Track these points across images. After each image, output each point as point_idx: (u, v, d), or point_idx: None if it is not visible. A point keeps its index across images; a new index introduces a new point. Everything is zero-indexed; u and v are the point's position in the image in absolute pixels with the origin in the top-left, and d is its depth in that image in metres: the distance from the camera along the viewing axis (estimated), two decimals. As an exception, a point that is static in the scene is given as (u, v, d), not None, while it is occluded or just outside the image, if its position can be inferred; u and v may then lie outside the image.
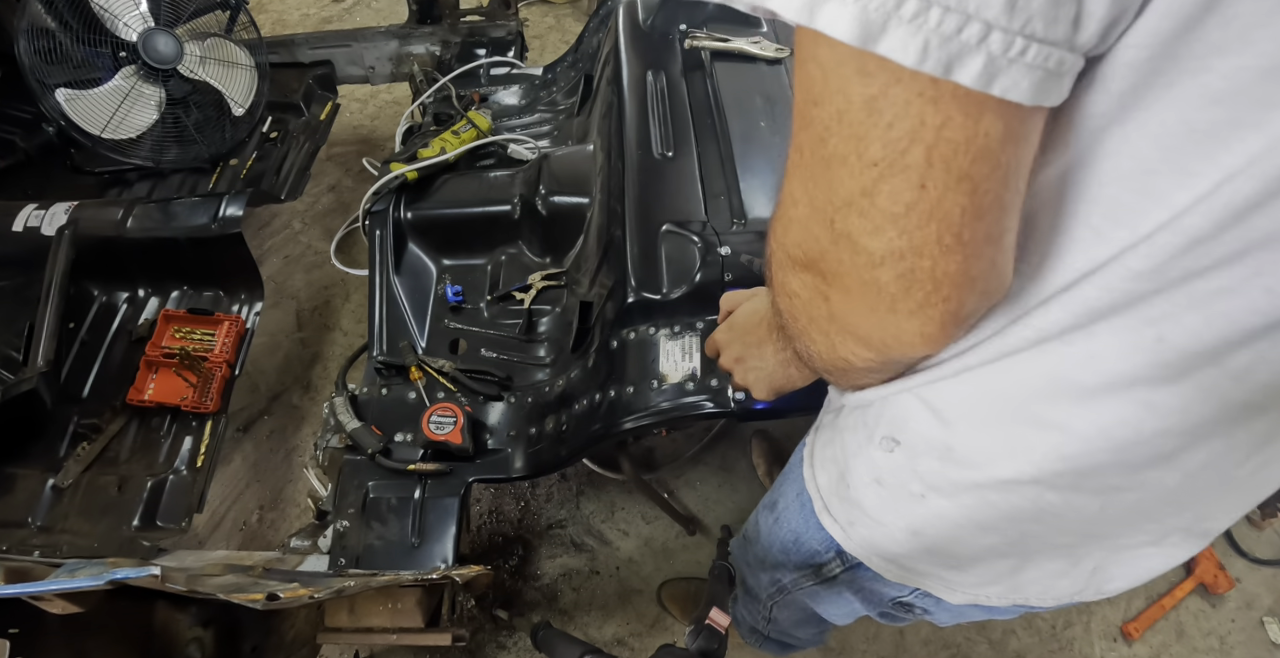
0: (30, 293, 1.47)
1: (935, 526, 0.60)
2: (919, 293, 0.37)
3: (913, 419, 0.55)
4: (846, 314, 0.41)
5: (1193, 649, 1.66)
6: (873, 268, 0.36)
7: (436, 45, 2.03)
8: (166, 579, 0.72)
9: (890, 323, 0.39)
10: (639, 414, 1.03)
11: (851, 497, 0.67)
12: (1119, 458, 0.47)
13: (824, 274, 0.40)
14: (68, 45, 1.60)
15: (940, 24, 0.28)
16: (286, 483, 1.88)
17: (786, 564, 0.88)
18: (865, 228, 0.35)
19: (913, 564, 0.66)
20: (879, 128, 0.32)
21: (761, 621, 1.16)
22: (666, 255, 1.11)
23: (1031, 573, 0.61)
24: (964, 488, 0.55)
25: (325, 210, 2.43)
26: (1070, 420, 0.46)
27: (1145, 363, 0.40)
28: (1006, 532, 0.56)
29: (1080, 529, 0.54)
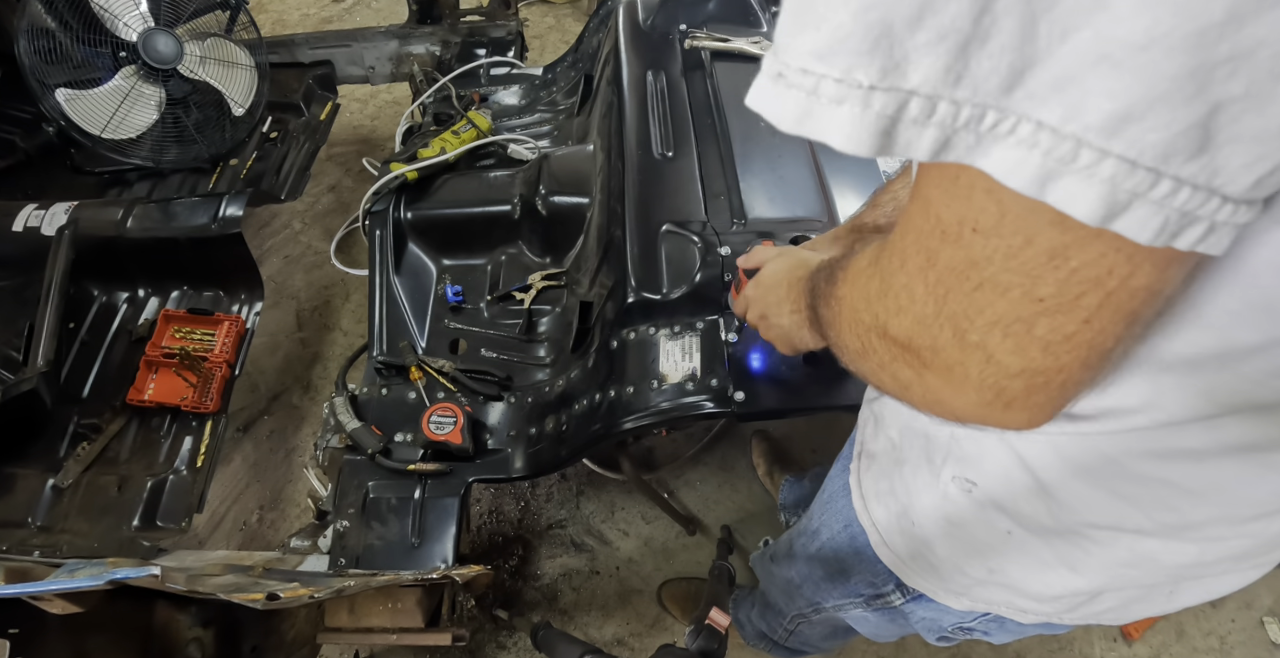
0: (30, 293, 1.47)
1: (1019, 562, 0.58)
2: (1042, 396, 0.36)
3: (991, 463, 0.54)
4: (940, 393, 0.40)
5: (1193, 649, 1.66)
6: (1003, 378, 0.36)
7: (436, 45, 2.03)
8: (166, 579, 0.72)
9: (994, 414, 0.38)
10: (639, 414, 1.03)
11: (917, 534, 0.65)
12: (1228, 513, 0.46)
13: (928, 364, 0.38)
14: (68, 45, 1.60)
15: (1186, 202, 0.27)
16: (286, 483, 1.88)
17: (832, 591, 0.87)
18: (1008, 347, 0.35)
19: (988, 595, 0.65)
20: (1059, 272, 0.31)
21: (781, 632, 1.16)
22: (666, 255, 1.11)
23: (1110, 601, 0.60)
24: (1053, 531, 0.53)
25: (325, 210, 2.43)
26: (1180, 479, 0.45)
27: (1268, 431, 0.40)
28: (1089, 574, 0.56)
29: (1173, 573, 0.54)
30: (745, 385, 0.99)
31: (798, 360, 1.00)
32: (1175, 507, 0.47)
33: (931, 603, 0.72)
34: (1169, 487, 0.46)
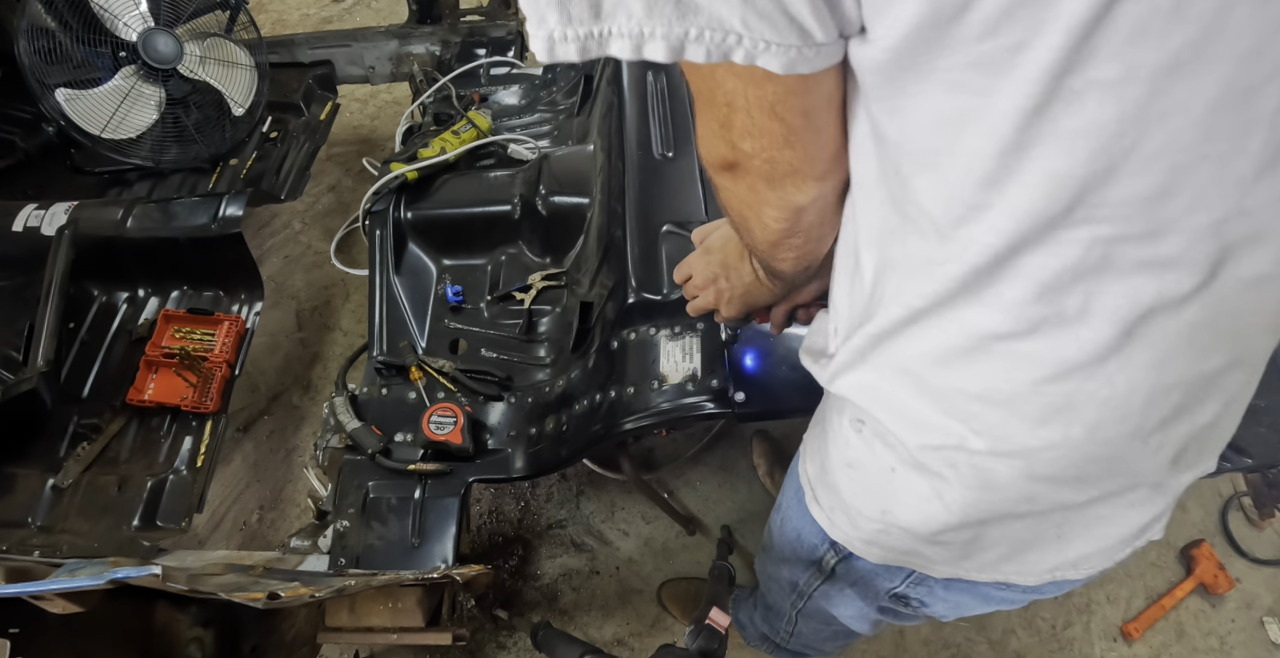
0: (30, 293, 1.47)
1: (902, 501, 0.63)
2: (782, 168, 0.52)
3: (870, 394, 0.61)
4: (754, 186, 0.55)
5: (1193, 649, 1.66)
6: (750, 159, 0.52)
7: (436, 45, 2.03)
8: (167, 579, 0.72)
9: (776, 185, 0.54)
10: (639, 415, 1.03)
11: (829, 482, 0.71)
12: (1013, 412, 0.51)
13: (732, 167, 0.54)
14: (68, 45, 1.60)
15: (710, 39, 0.41)
16: (286, 483, 1.88)
17: (796, 562, 0.89)
18: (735, 137, 0.51)
19: (891, 543, 0.68)
20: (718, 86, 0.48)
21: (783, 633, 1.16)
22: (667, 255, 1.11)
23: (996, 542, 0.62)
24: (914, 459, 0.59)
25: (325, 210, 2.43)
26: (964, 382, 0.52)
27: (999, 320, 0.48)
28: (957, 504, 0.59)
29: (1018, 494, 0.56)
30: (745, 386, 0.99)
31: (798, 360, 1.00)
32: (976, 414, 0.53)
33: (858, 562, 0.75)
34: (961, 394, 0.53)
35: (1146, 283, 0.44)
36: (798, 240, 0.61)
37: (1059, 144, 0.39)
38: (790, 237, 0.60)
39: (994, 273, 0.46)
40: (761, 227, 0.59)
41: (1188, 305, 0.45)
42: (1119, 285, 0.44)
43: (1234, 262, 0.43)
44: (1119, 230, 0.42)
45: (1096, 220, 0.42)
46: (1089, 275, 0.44)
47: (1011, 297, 0.46)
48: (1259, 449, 1.01)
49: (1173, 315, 0.45)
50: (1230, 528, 1.79)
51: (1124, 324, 0.45)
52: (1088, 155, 0.39)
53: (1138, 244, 0.42)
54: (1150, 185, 0.40)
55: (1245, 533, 1.80)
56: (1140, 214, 0.41)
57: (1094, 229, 0.42)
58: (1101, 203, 0.41)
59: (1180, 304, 0.45)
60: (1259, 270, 0.44)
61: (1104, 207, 0.41)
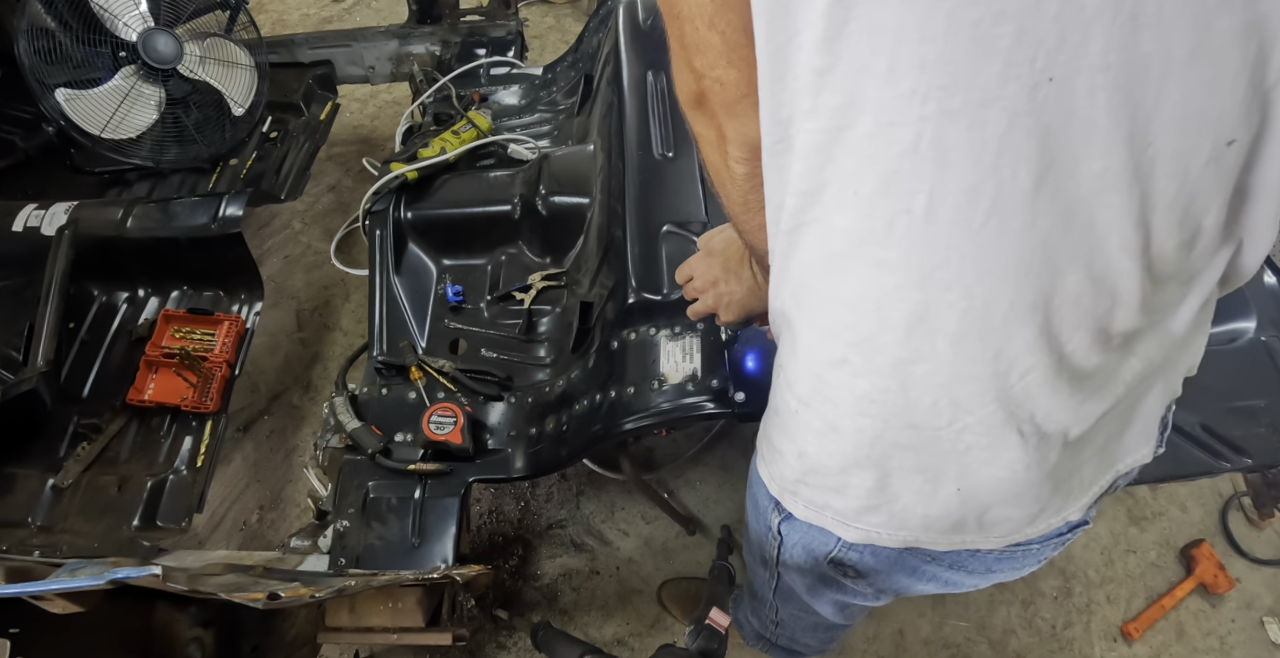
0: (30, 293, 1.47)
1: (809, 440, 0.63)
2: (731, 94, 0.54)
3: (782, 336, 0.63)
4: (716, 123, 0.56)
5: (1193, 649, 1.66)
6: (703, 79, 0.54)
7: (436, 45, 2.03)
8: (167, 579, 0.72)
9: (735, 117, 0.55)
10: (639, 415, 1.03)
11: (767, 434, 0.72)
12: (884, 321, 0.52)
13: (698, 102, 0.56)
14: (68, 45, 1.60)
15: None
16: (286, 483, 1.88)
17: (758, 534, 0.87)
18: (692, 55, 0.53)
19: (810, 495, 0.68)
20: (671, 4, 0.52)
21: (769, 624, 1.16)
22: (667, 255, 1.11)
23: (899, 492, 0.61)
24: (811, 390, 0.60)
25: (325, 210, 2.43)
26: (839, 289, 0.53)
27: (859, 218, 0.49)
28: (849, 433, 0.59)
29: (901, 419, 0.56)
30: (745, 386, 0.99)
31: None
32: (852, 324, 0.54)
33: (795, 522, 0.74)
34: (839, 303, 0.54)
35: (981, 174, 0.44)
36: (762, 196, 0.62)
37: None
38: (755, 187, 0.60)
39: (846, 155, 0.47)
40: (730, 177, 0.60)
41: (1037, 205, 0.45)
42: (956, 180, 0.44)
43: (1067, 150, 0.43)
44: (937, 102, 0.42)
45: (914, 92, 0.43)
46: (924, 164, 0.44)
47: (864, 191, 0.47)
48: (1259, 449, 1.01)
49: (1029, 219, 0.45)
50: (1230, 528, 1.79)
51: (973, 227, 0.46)
52: (901, 4, 0.41)
53: (962, 120, 0.43)
54: (959, 47, 0.41)
55: (1245, 533, 1.80)
56: (952, 81, 0.42)
57: (915, 99, 0.43)
58: (916, 65, 0.42)
59: (1027, 202, 0.45)
60: (1098, 167, 0.44)
61: (917, 69, 0.42)
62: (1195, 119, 0.43)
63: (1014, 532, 0.63)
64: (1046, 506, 0.62)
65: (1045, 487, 0.60)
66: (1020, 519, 0.63)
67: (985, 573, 0.72)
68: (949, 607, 1.70)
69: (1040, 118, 0.42)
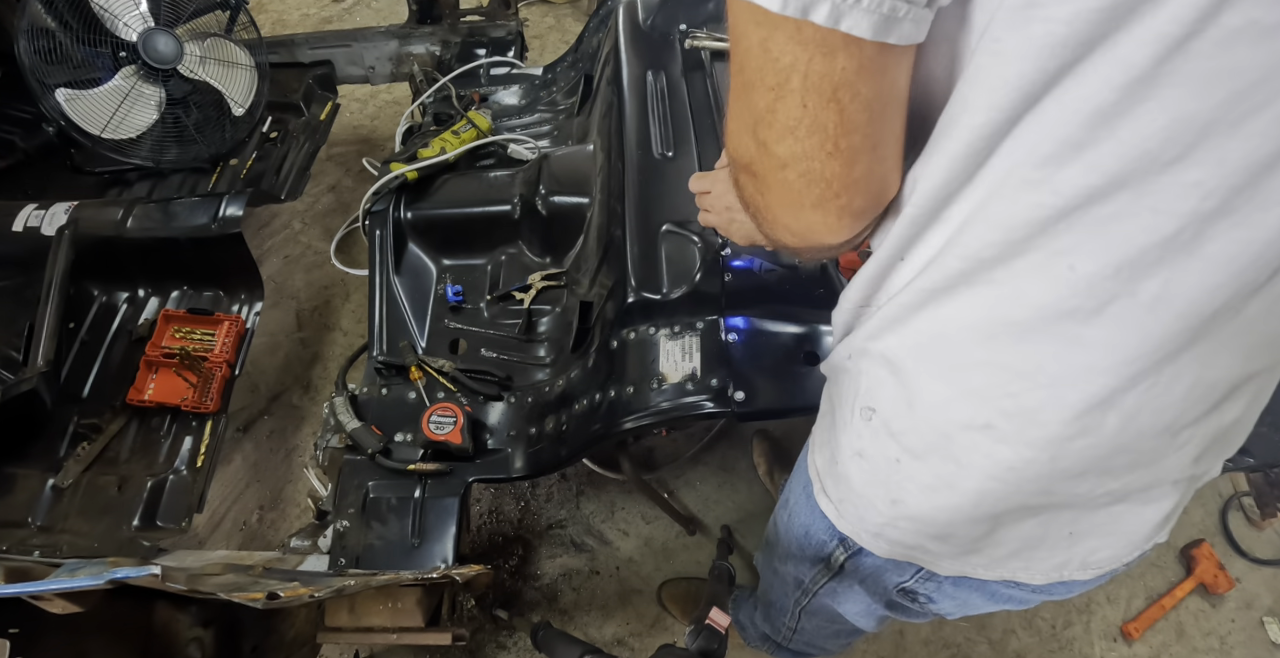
0: (30, 293, 1.47)
1: (911, 492, 0.61)
2: (816, 190, 0.47)
3: (882, 382, 0.59)
4: (772, 207, 0.51)
5: (1193, 649, 1.66)
6: (781, 169, 0.47)
7: (436, 45, 2.03)
8: (167, 579, 0.72)
9: (802, 215, 0.50)
10: (639, 414, 1.03)
11: (839, 472, 0.69)
12: (1057, 398, 0.49)
13: (755, 174, 0.50)
14: (68, 45, 1.60)
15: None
16: (286, 483, 1.88)
17: (803, 560, 0.88)
18: (772, 137, 0.45)
19: (899, 537, 0.67)
20: (770, 61, 0.42)
21: (785, 630, 1.15)
22: (666, 255, 1.11)
23: (1006, 538, 0.61)
24: (929, 445, 0.57)
25: (325, 210, 2.43)
26: (1010, 359, 0.50)
27: (1065, 294, 0.45)
28: (970, 494, 0.58)
29: (1037, 486, 0.55)
30: (745, 385, 0.99)
31: (798, 359, 1.01)
32: (1011, 392, 0.50)
33: (867, 558, 0.73)
34: (1004, 370, 0.50)
35: (1229, 274, 0.41)
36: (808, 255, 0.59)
37: (1194, 84, 0.36)
38: (800, 254, 0.58)
39: (1072, 230, 0.42)
40: (773, 239, 0.56)
41: (1254, 299, 0.43)
42: (1201, 274, 0.41)
43: None
44: (1220, 200, 0.38)
45: (1200, 184, 0.38)
46: (1174, 255, 0.41)
47: (1084, 270, 0.43)
48: (1260, 449, 1.01)
49: (1238, 310, 0.43)
50: (1230, 528, 1.79)
51: (1196, 320, 0.43)
52: (1222, 100, 0.36)
53: (1234, 219, 0.40)
54: (1269, 150, 0.37)
55: (1245, 533, 1.80)
56: (1248, 183, 0.38)
57: (1196, 193, 0.39)
58: (1216, 160, 0.37)
59: (1250, 297, 0.43)
60: None
61: (1215, 164, 0.38)
62: None
63: (1115, 562, 0.64)
64: (1152, 537, 0.63)
65: (1158, 523, 0.61)
66: (1124, 551, 0.63)
67: (1065, 593, 0.71)
68: (949, 607, 1.69)
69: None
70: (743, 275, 1.06)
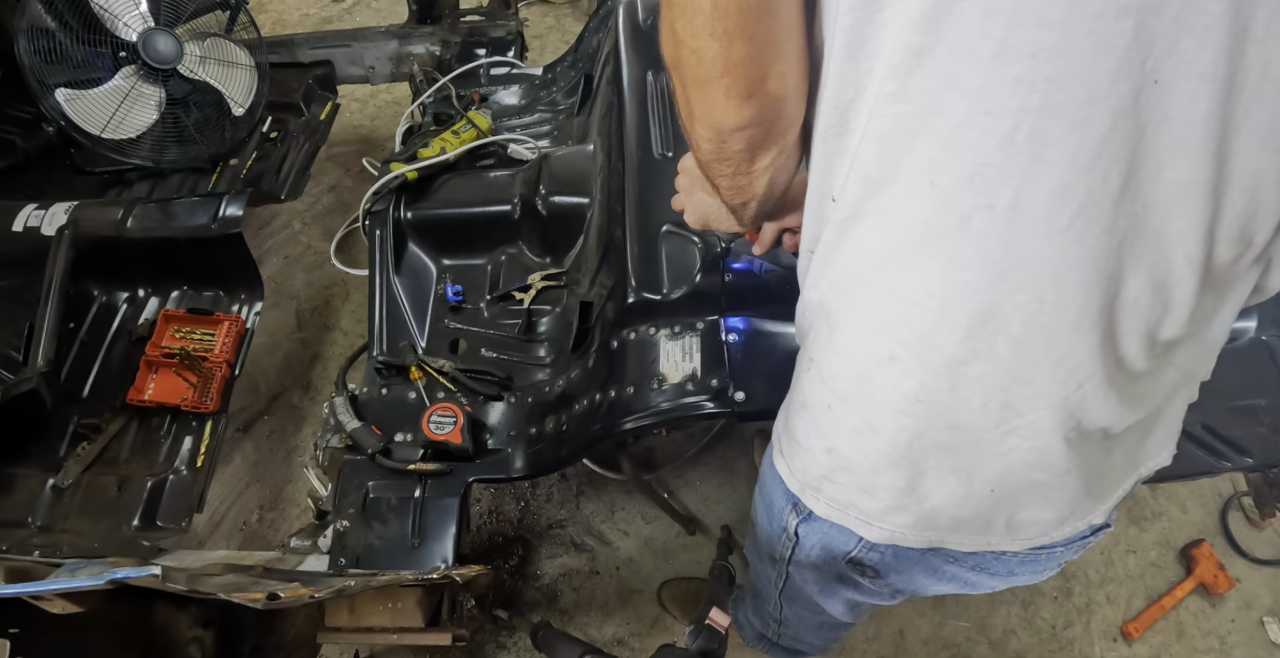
0: (30, 293, 1.47)
1: (842, 437, 0.62)
2: (704, 67, 0.49)
3: (818, 331, 0.61)
4: (686, 89, 0.53)
5: (1193, 649, 1.66)
6: (678, 47, 0.50)
7: (436, 45, 2.03)
8: (167, 579, 0.72)
9: (701, 93, 0.52)
10: (639, 414, 1.03)
11: (790, 428, 0.70)
12: (945, 319, 0.50)
13: (674, 66, 0.52)
14: (68, 45, 1.60)
15: None
16: (286, 483, 1.88)
17: (769, 532, 0.87)
18: (675, 17, 0.49)
19: (834, 492, 0.67)
20: None
21: (772, 623, 1.15)
22: (667, 255, 1.11)
23: (930, 492, 0.61)
24: (852, 386, 0.59)
25: (325, 210, 2.43)
26: (899, 284, 0.52)
27: (933, 211, 0.47)
28: (888, 432, 0.58)
29: (945, 420, 0.55)
30: (745, 385, 0.99)
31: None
32: (908, 321, 0.52)
33: (816, 522, 0.73)
34: (897, 298, 0.52)
35: (1074, 174, 0.43)
36: (726, 168, 0.59)
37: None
38: (718, 160, 0.58)
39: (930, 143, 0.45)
40: (693, 143, 0.59)
41: (1116, 208, 0.44)
42: (1049, 179, 0.43)
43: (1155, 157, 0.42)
44: (1042, 94, 0.40)
45: (1020, 80, 0.41)
46: (1018, 159, 0.42)
47: (944, 184, 0.45)
48: (1260, 448, 1.01)
49: (1099, 219, 0.44)
50: (1230, 528, 1.79)
51: (1054, 229, 0.44)
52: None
53: (1065, 117, 0.41)
54: (1071, 40, 0.39)
55: (1245, 533, 1.80)
56: (1063, 73, 0.40)
57: (1020, 89, 0.41)
58: (1028, 53, 0.40)
59: (1111, 204, 0.44)
60: (1182, 176, 0.43)
61: (1028, 58, 0.40)
62: (1275, 137, 0.42)
63: (1042, 535, 0.63)
64: (1076, 508, 0.62)
65: (1079, 490, 0.60)
66: (1050, 522, 0.63)
67: (1006, 576, 0.71)
68: (949, 607, 1.70)
69: (1138, 121, 0.41)
70: (743, 275, 1.06)
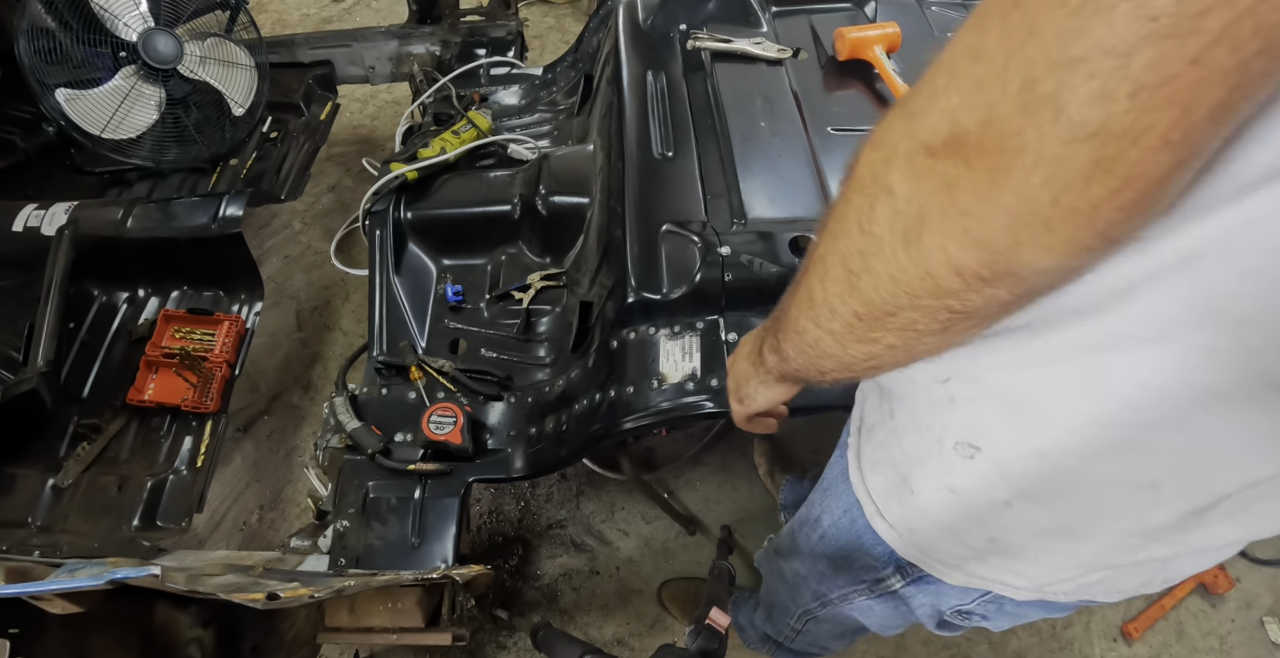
0: (30, 293, 1.47)
1: (1019, 532, 0.57)
2: (1100, 185, 0.31)
3: (994, 421, 0.52)
4: (977, 205, 0.34)
5: (1193, 649, 1.66)
6: (1069, 142, 0.30)
7: (436, 45, 2.03)
8: (166, 579, 0.72)
9: (1039, 218, 0.33)
10: (639, 414, 1.03)
11: (917, 503, 0.63)
12: (1240, 473, 0.46)
13: (977, 152, 0.33)
14: (68, 45, 1.60)
15: None
16: (286, 483, 1.88)
17: (836, 580, 0.86)
18: (1090, 93, 0.29)
19: (985, 572, 0.64)
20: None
21: (787, 632, 1.15)
22: (666, 255, 1.11)
23: (1104, 571, 0.59)
24: (1060, 494, 0.52)
25: (325, 210, 2.43)
26: (1196, 431, 0.44)
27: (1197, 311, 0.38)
28: (1100, 538, 0.55)
29: (1173, 537, 0.53)
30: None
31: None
32: (1192, 458, 0.45)
33: (929, 585, 0.71)
34: (1182, 437, 0.44)
35: None
36: (891, 324, 0.43)
37: None
38: (903, 307, 0.41)
39: None
40: (910, 267, 0.39)
41: None
42: None
43: None
44: None
45: None
46: None
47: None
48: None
49: None
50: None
51: None
52: None
53: None
54: None
55: (1245, 533, 1.79)
56: None
57: None
58: None
59: None
60: None
61: None
62: None
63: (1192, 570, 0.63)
64: None
65: None
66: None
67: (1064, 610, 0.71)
68: (949, 607, 1.69)
69: None
70: (743, 275, 1.06)
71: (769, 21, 1.53)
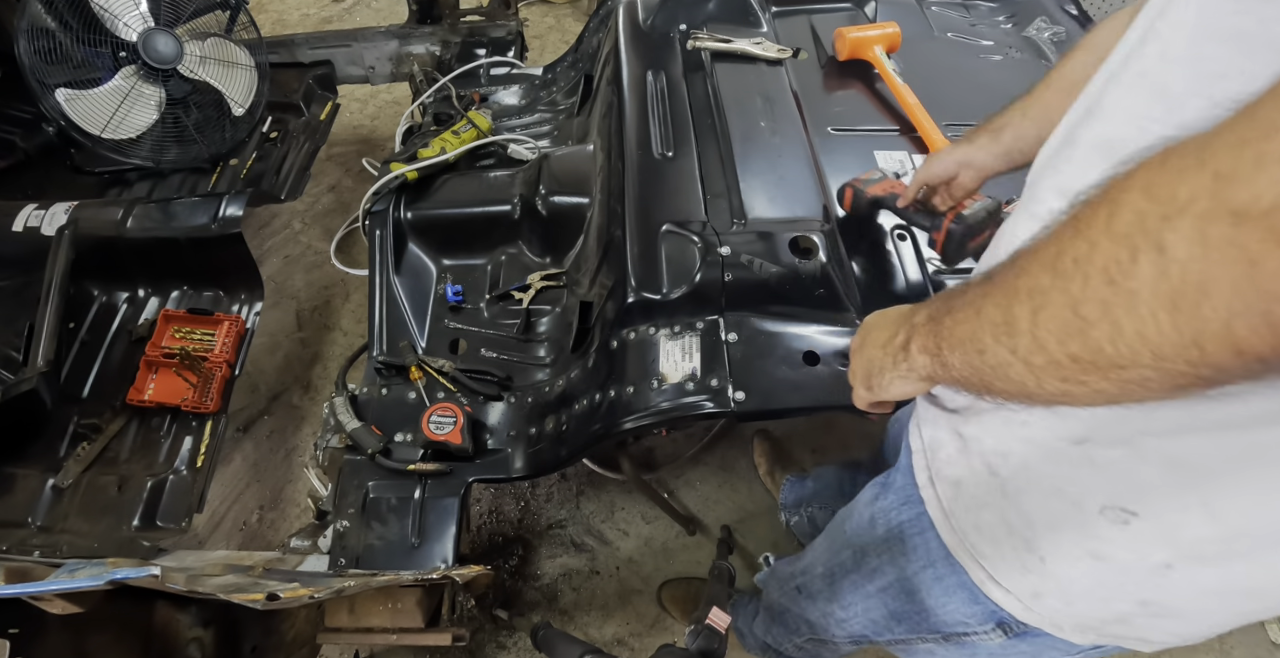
0: (30, 293, 1.47)
1: (1179, 596, 0.54)
2: None
3: (1153, 486, 0.48)
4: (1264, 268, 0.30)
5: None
6: None
7: (436, 45, 2.03)
8: (166, 579, 0.72)
9: None
10: (639, 414, 1.03)
11: (1049, 571, 0.59)
12: None
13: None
14: (68, 45, 1.60)
15: None
16: (286, 483, 1.88)
17: (894, 628, 0.81)
18: None
19: (1121, 631, 0.60)
20: None
21: (791, 647, 1.14)
22: (666, 255, 1.11)
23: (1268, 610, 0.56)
24: (1234, 556, 0.49)
25: (325, 210, 2.43)
26: None
27: None
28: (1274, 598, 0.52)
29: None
30: (745, 385, 0.99)
31: (798, 359, 1.01)
32: None
33: (1037, 638, 0.66)
34: None
35: None
36: (1118, 376, 0.38)
37: None
38: (1197, 368, 0.35)
39: None
40: (1157, 339, 0.35)
41: None
42: None
43: None
44: None
45: None
46: None
47: None
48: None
49: None
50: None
51: None
52: None
53: None
54: None
55: (1245, 533, 1.79)
56: None
57: None
58: None
59: None
60: None
61: None
62: None
63: None
64: None
65: None
66: None
67: None
68: (949, 607, 1.69)
69: None
70: (743, 275, 1.06)
71: (769, 21, 1.53)
